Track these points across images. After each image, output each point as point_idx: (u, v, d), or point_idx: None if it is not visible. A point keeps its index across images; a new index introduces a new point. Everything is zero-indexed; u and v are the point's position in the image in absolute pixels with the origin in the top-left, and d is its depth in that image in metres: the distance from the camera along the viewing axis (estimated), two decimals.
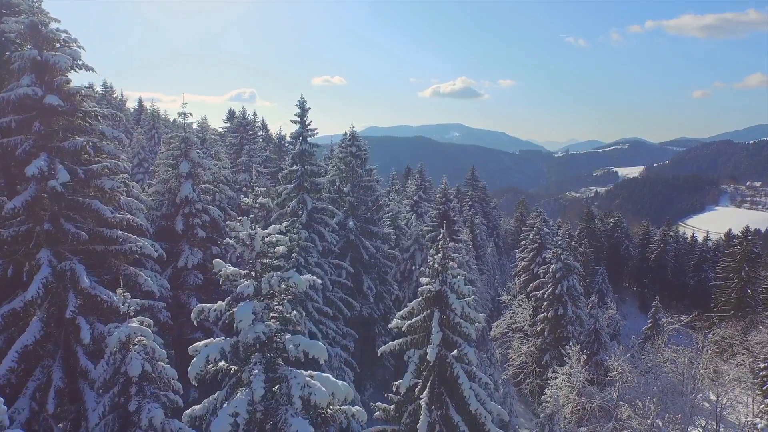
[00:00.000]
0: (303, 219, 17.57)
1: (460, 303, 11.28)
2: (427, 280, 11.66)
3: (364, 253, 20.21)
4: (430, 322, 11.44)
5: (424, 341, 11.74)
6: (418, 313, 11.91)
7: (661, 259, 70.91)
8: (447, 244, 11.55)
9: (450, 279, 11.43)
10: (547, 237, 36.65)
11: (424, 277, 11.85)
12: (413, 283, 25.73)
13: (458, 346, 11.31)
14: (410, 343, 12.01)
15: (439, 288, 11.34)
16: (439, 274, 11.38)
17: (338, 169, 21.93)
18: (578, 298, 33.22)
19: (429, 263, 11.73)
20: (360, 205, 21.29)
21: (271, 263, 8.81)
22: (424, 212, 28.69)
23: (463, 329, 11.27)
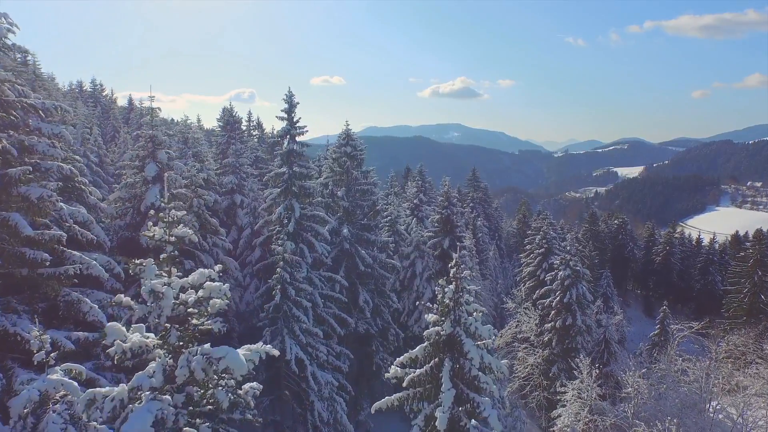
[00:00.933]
0: (290, 228, 15.70)
1: (479, 351, 8.84)
2: (435, 318, 9.21)
3: (359, 264, 18.39)
4: (439, 373, 9.01)
5: (430, 395, 9.43)
6: (424, 361, 9.50)
7: (667, 261, 69.26)
8: (461, 272, 9.19)
9: (465, 318, 8.96)
10: (554, 242, 34.86)
11: (430, 314, 9.38)
12: (413, 293, 23.91)
13: (476, 407, 8.83)
14: (413, 397, 9.63)
15: (451, 330, 8.94)
16: (451, 311, 8.94)
17: (331, 171, 20.03)
18: (587, 306, 31.43)
19: (437, 297, 9.22)
20: (355, 210, 19.43)
21: (196, 330, 6.20)
22: (425, 216, 26.90)
23: (482, 384, 8.82)
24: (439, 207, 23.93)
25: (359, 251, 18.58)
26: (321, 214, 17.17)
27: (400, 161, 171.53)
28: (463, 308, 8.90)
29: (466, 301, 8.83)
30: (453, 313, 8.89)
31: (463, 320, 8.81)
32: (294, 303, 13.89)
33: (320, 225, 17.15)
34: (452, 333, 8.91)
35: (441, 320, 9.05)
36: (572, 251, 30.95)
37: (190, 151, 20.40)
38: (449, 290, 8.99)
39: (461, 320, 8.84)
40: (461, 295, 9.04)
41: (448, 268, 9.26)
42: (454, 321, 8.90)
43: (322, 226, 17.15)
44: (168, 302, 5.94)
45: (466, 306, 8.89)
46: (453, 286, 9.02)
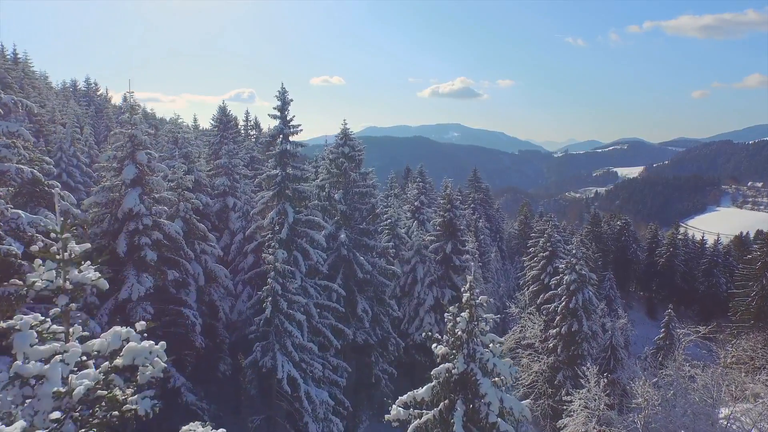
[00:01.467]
0: (283, 234, 14.68)
1: (497, 392, 7.47)
2: (444, 351, 7.68)
3: (358, 271, 17.40)
4: (449, 419, 7.53)
5: None
6: (432, 404, 8.08)
7: (671, 263, 68.31)
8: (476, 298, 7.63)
9: (481, 353, 7.43)
10: (558, 245, 33.86)
11: (439, 345, 7.86)
12: (414, 299, 22.91)
13: None
14: None
15: (465, 368, 7.52)
16: (464, 345, 7.43)
17: (328, 172, 18.98)
18: (593, 312, 30.43)
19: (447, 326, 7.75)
20: (354, 214, 18.42)
21: (109, 418, 4.03)
22: (426, 219, 25.91)
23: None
24: (441, 210, 22.95)
25: (357, 257, 17.57)
26: (317, 219, 16.12)
27: (399, 161, 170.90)
28: (478, 340, 7.42)
29: (482, 331, 7.43)
30: (466, 347, 7.35)
31: (479, 355, 7.30)
32: (286, 316, 12.91)
33: (316, 230, 16.08)
34: (465, 371, 7.45)
35: (452, 354, 7.55)
36: (578, 255, 29.95)
37: (178, 152, 19.38)
38: (462, 319, 7.43)
39: (476, 355, 7.33)
40: (476, 324, 7.54)
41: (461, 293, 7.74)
42: (467, 356, 7.39)
43: (317, 231, 16.09)
44: (49, 388, 3.79)
45: (481, 337, 7.43)
46: (467, 315, 7.46)
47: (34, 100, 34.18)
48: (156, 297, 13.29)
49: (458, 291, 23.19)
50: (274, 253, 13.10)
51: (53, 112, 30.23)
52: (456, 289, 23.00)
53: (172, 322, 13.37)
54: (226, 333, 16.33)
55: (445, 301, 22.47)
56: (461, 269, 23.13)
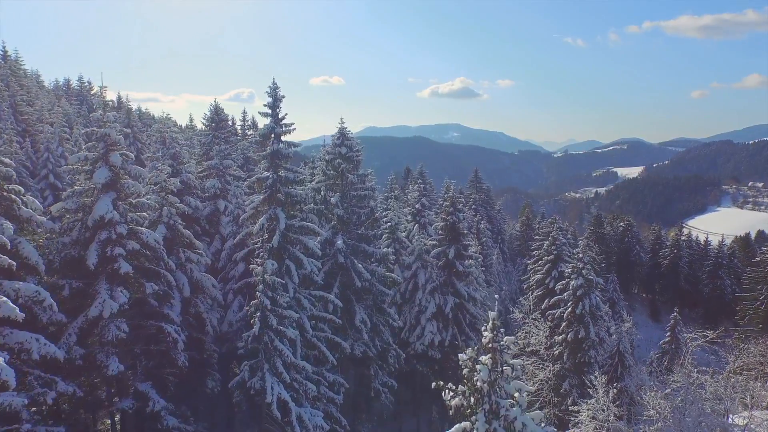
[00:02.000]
0: (274, 242, 13.57)
1: None
2: (459, 403, 6.23)
3: (356, 279, 16.32)
4: None
5: None
6: None
7: (675, 265, 67.28)
8: (500, 340, 6.32)
9: (506, 408, 6.19)
10: (563, 248, 32.80)
11: (453, 395, 6.50)
12: (415, 307, 21.85)
13: None
14: None
15: (486, 429, 6.23)
16: (486, 398, 6.17)
17: (324, 174, 17.85)
18: (600, 318, 29.38)
19: (463, 373, 6.40)
20: (351, 218, 17.33)
21: None
22: (427, 222, 24.85)
23: None
24: (444, 213, 21.89)
25: (355, 265, 16.49)
26: (311, 226, 14.98)
27: (399, 161, 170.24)
28: (502, 390, 6.09)
29: (506, 378, 5.99)
30: (488, 401, 5.95)
31: (503, 412, 5.97)
32: (276, 333, 11.82)
33: (310, 237, 14.95)
34: None
35: (469, 408, 6.15)
36: (585, 259, 28.90)
37: (166, 152, 18.31)
38: (483, 367, 5.99)
39: (500, 411, 6.00)
40: (500, 374, 6.19)
41: (482, 335, 6.37)
42: (489, 413, 6.02)
43: (313, 238, 14.96)
44: None
45: (505, 386, 6.04)
46: (488, 361, 6.09)
47: (22, 99, 33.07)
48: (133, 312, 12.09)
49: (461, 298, 22.12)
50: (263, 264, 11.97)
51: (41, 111, 29.15)
52: (459, 296, 21.95)
53: (152, 338, 12.24)
54: (214, 346, 15.22)
55: (447, 308, 21.42)
56: (465, 275, 22.08)
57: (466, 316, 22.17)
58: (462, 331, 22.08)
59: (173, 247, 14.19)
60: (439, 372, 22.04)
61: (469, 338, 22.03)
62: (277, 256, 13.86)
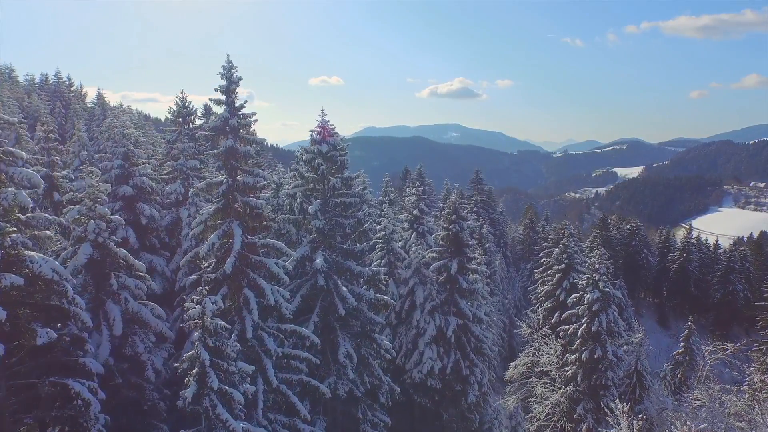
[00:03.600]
0: (228, 266, 10.56)
1: None
2: None
3: (339, 306, 13.38)
4: None
5: None
6: None
7: (684, 269, 64.57)
8: None
9: None
10: (575, 256, 29.93)
11: None
12: (413, 329, 18.95)
13: None
14: None
15: None
16: None
17: (301, 178, 14.80)
18: (619, 335, 26.54)
19: None
20: (335, 230, 14.40)
21: None
22: (427, 230, 21.99)
23: None
24: (445, 221, 19.03)
25: (339, 288, 13.56)
26: (277, 245, 11.92)
27: (398, 162, 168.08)
28: None
29: None
30: None
31: None
32: (220, 396, 8.84)
33: (276, 257, 11.89)
34: None
35: None
36: (601, 269, 26.08)
37: (116, 152, 15.50)
38: None
39: None
40: None
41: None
42: None
43: (279, 257, 11.91)
44: None
45: None
46: None
47: None
48: (27, 367, 9.03)
49: (465, 319, 19.24)
50: (201, 302, 8.88)
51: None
52: (463, 317, 19.07)
53: (54, 398, 9.15)
54: (159, 393, 12.24)
55: (449, 331, 18.54)
56: (469, 292, 19.23)
57: (471, 339, 19.31)
58: (466, 356, 19.20)
59: (103, 270, 11.27)
60: (440, 403, 19.14)
61: (474, 364, 19.15)
62: (232, 284, 10.95)
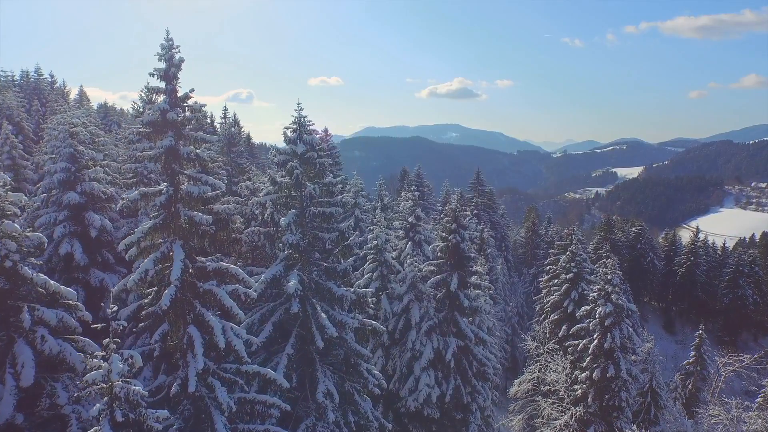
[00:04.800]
0: (165, 300, 8.24)
1: None
2: None
3: (317, 337, 11.16)
4: None
5: None
6: None
7: (691, 273, 62.47)
8: None
9: None
10: (584, 264, 27.79)
11: None
12: (407, 351, 16.80)
13: None
14: None
15: None
16: None
17: (273, 184, 12.56)
18: (633, 351, 24.40)
19: None
20: (313, 245, 12.20)
21: None
22: (423, 239, 19.79)
23: None
24: (445, 231, 16.88)
25: (318, 316, 11.34)
26: (233, 270, 9.50)
27: (398, 162, 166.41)
28: None
29: None
30: None
31: None
32: None
33: (233, 283, 9.53)
34: None
35: None
36: (614, 280, 23.92)
37: (64, 152, 13.36)
38: None
39: None
40: None
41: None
42: None
43: (238, 283, 9.58)
44: None
45: None
46: None
47: None
48: None
49: (467, 340, 17.08)
50: (108, 357, 6.51)
51: None
52: (463, 338, 16.93)
53: None
54: None
55: (448, 354, 16.39)
56: (471, 310, 17.09)
57: (473, 362, 17.17)
58: (467, 381, 17.05)
59: (11, 303, 9.00)
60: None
61: (476, 391, 16.99)
62: (175, 320, 8.74)
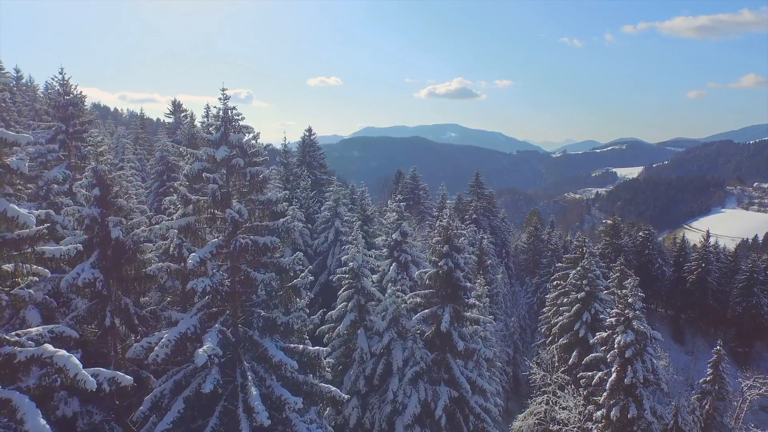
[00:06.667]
0: None
1: None
2: None
3: (244, 424, 7.41)
4: None
5: None
6: None
7: (702, 280, 59.09)
8: None
9: None
10: (597, 282, 24.37)
11: None
12: (387, 403, 13.34)
13: None
14: None
15: None
16: None
17: (184, 203, 8.71)
18: (658, 384, 20.96)
19: None
20: (245, 289, 8.55)
21: None
22: (411, 260, 16.26)
23: None
24: (435, 254, 13.42)
25: (247, 392, 7.62)
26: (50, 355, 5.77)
27: (397, 162, 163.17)
28: None
29: None
30: None
31: None
32: None
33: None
34: None
35: None
36: (636, 304, 20.52)
37: None
38: None
39: None
40: None
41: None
42: None
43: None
44: None
45: None
46: None
47: None
48: None
49: (461, 390, 13.63)
50: None
51: None
52: (457, 387, 13.50)
53: None
54: None
55: (439, 407, 12.98)
56: (467, 353, 13.65)
57: (469, 417, 13.76)
58: None
59: None
60: None
61: None
62: None
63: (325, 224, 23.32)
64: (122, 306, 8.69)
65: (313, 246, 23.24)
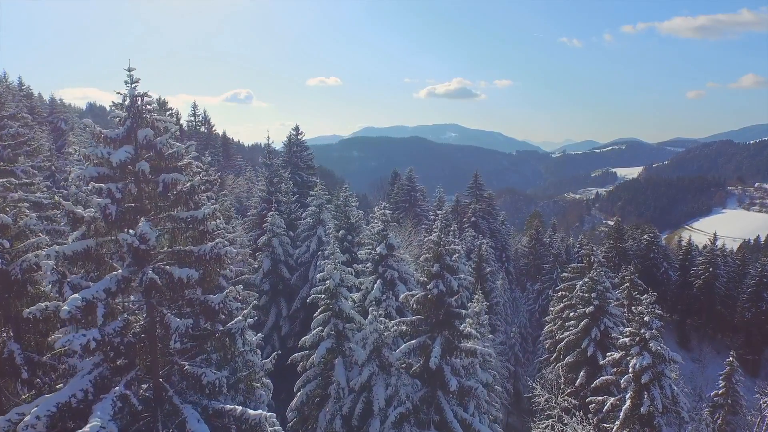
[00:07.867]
0: None
1: None
2: None
3: None
4: None
5: None
6: None
7: (710, 285, 56.97)
8: None
9: None
10: (608, 294, 22.20)
11: None
12: None
13: None
14: None
15: None
16: None
17: (76, 223, 6.53)
18: (678, 414, 18.81)
19: None
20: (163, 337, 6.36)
21: None
22: (399, 277, 14.03)
23: None
24: (425, 275, 11.24)
25: None
26: None
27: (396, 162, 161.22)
28: None
29: None
30: None
31: None
32: None
33: None
34: None
35: None
36: (653, 323, 18.38)
37: None
38: None
39: None
40: None
41: None
42: None
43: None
44: None
45: None
46: None
47: None
48: None
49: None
50: None
51: None
52: (450, 431, 11.32)
53: None
54: None
55: None
56: (462, 392, 11.49)
57: None
58: None
59: None
60: None
61: None
62: None
63: (308, 232, 21.20)
64: (4, 354, 6.55)
65: (294, 256, 21.06)
